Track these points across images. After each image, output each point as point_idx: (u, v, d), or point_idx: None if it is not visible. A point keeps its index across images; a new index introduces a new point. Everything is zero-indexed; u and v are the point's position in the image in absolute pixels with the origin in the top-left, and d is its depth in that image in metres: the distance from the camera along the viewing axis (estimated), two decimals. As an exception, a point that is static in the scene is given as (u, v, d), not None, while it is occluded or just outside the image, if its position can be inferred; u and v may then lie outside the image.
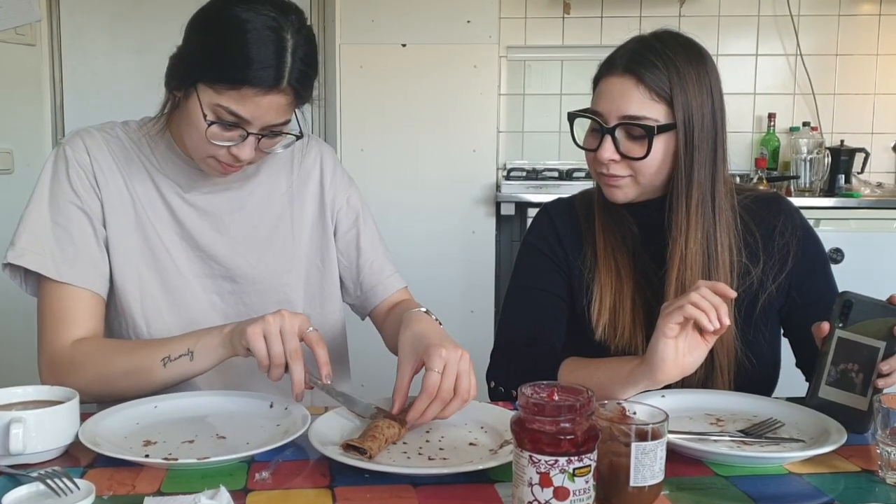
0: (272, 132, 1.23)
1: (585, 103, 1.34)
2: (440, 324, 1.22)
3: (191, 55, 1.22)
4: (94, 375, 1.21)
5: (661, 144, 1.25)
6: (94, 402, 1.22)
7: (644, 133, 1.25)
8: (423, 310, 1.24)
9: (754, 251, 1.33)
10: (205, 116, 1.19)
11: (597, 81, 1.32)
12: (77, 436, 1.01)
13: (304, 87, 1.23)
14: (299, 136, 1.28)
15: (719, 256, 1.29)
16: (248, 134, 1.21)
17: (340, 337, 1.50)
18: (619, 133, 1.26)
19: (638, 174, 1.28)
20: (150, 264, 1.33)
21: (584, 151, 1.33)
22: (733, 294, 1.10)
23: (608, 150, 1.26)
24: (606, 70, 1.29)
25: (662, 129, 1.25)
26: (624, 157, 1.26)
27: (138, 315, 1.33)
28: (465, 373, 1.08)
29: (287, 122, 1.24)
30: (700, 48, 1.30)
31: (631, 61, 1.26)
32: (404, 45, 3.27)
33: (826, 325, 1.14)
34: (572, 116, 1.32)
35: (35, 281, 1.30)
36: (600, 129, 1.27)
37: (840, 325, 1.11)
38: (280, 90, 1.18)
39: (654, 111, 1.25)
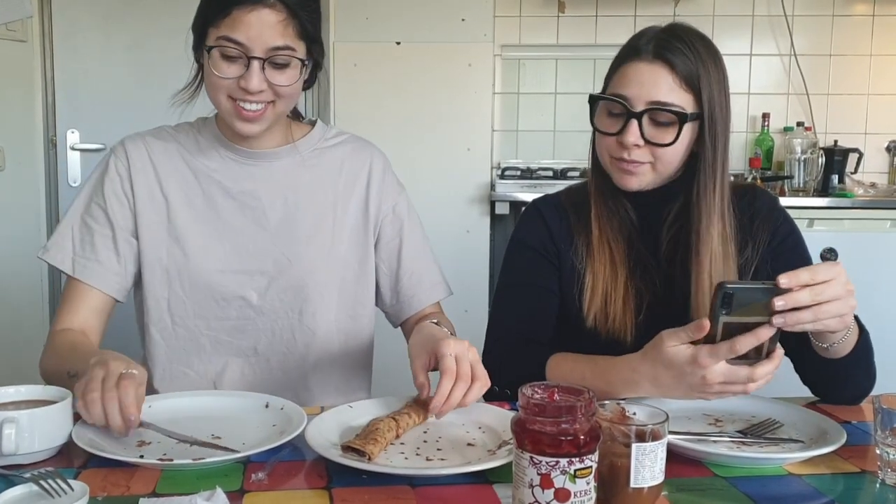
0: (275, 63, 1.26)
1: (581, 102, 1.34)
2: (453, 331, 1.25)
3: (197, 14, 1.31)
4: (46, 365, 1.31)
5: (686, 133, 1.27)
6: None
7: (672, 120, 1.26)
8: (435, 321, 1.28)
9: (741, 241, 1.35)
10: (206, 47, 1.26)
11: (616, 67, 1.30)
12: (71, 436, 1.00)
13: (297, 6, 1.26)
14: (304, 62, 1.30)
15: (728, 248, 1.31)
16: (250, 59, 1.24)
17: (367, 344, 1.50)
18: (645, 118, 1.26)
19: (658, 161, 1.28)
20: (183, 267, 1.37)
21: (598, 137, 1.31)
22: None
23: (633, 135, 1.26)
24: (632, 55, 1.28)
25: (692, 117, 1.26)
26: (648, 142, 1.26)
27: (165, 314, 1.39)
28: (476, 361, 1.11)
29: (290, 49, 1.27)
30: (712, 42, 1.32)
31: (660, 48, 1.26)
32: (399, 44, 3.26)
33: (705, 322, 1.04)
34: (595, 99, 1.30)
35: None
36: (625, 114, 1.26)
37: (724, 312, 1.01)
38: (266, 4, 1.23)
39: (681, 99, 1.26)
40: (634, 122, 1.25)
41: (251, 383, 1.41)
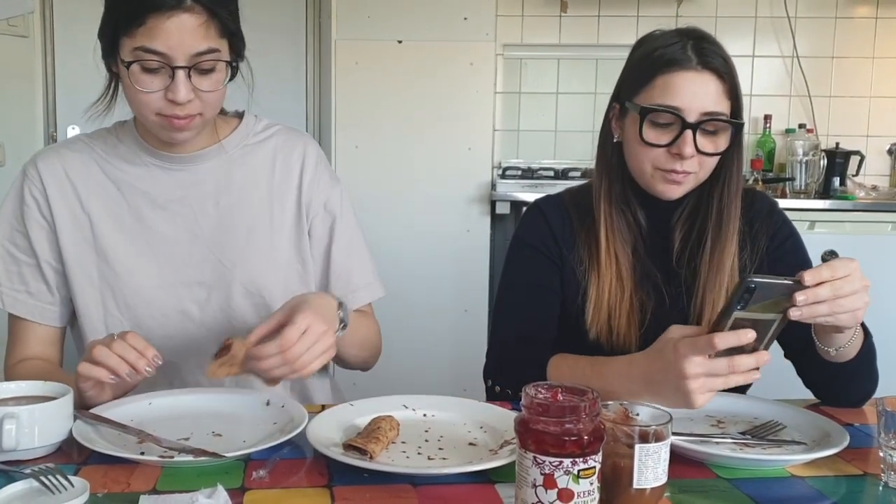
0: (200, 69, 1.19)
1: (582, 102, 1.34)
2: (343, 324, 1.20)
3: (104, 20, 1.22)
4: None
5: (728, 140, 1.28)
6: None
7: (718, 128, 1.26)
8: (339, 301, 1.21)
9: (740, 243, 1.35)
10: (123, 62, 1.18)
11: (654, 75, 1.27)
12: (71, 432, 1.00)
13: (217, 5, 1.19)
14: (230, 63, 1.23)
15: (737, 253, 1.33)
16: (174, 69, 1.17)
17: None
18: (698, 129, 1.25)
19: (702, 170, 1.29)
20: (115, 284, 1.31)
21: (641, 148, 1.28)
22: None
23: (690, 146, 1.24)
24: (674, 64, 1.25)
25: (740, 124, 1.28)
26: (700, 152, 1.26)
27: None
28: (318, 346, 1.08)
29: (214, 52, 1.19)
30: None
31: (704, 56, 1.25)
32: (400, 42, 3.25)
33: (715, 340, 1.02)
34: (647, 111, 1.26)
35: None
36: (677, 125, 1.25)
37: (740, 307, 1.00)
38: (184, 9, 1.15)
39: (725, 107, 1.26)
40: (689, 133, 1.24)
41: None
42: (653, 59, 1.28)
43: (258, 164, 1.37)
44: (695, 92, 1.24)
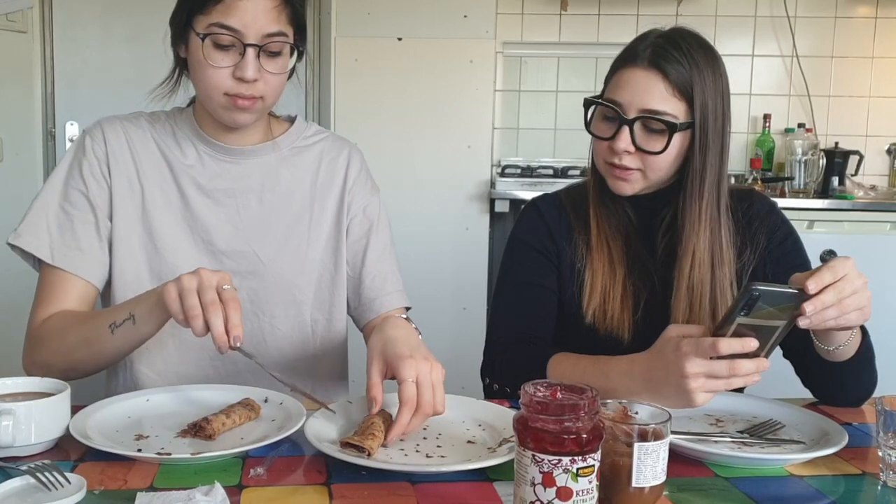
0: (268, 51, 1.24)
1: (582, 100, 1.34)
2: (419, 333, 1.19)
3: (179, 3, 1.27)
4: (55, 349, 1.23)
5: (676, 141, 1.26)
6: (61, 377, 1.13)
7: (663, 128, 1.25)
8: (404, 317, 1.22)
9: (739, 245, 1.35)
10: (198, 34, 1.22)
11: (614, 71, 1.31)
12: (68, 429, 0.99)
13: None
14: (294, 47, 1.27)
15: (724, 254, 1.31)
16: (245, 47, 1.21)
17: (342, 346, 1.46)
18: (637, 126, 1.26)
19: (648, 169, 1.28)
20: (153, 258, 1.33)
21: (594, 140, 1.32)
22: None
23: (624, 141, 1.26)
24: (628, 61, 1.28)
25: (682, 126, 1.26)
26: (639, 149, 1.26)
27: None
28: (437, 385, 1.05)
29: (283, 35, 1.24)
30: (714, 49, 1.31)
31: (656, 55, 1.25)
32: (400, 39, 3.25)
33: (720, 344, 1.01)
34: (589, 103, 1.31)
35: (39, 261, 1.32)
36: (617, 119, 1.26)
37: (743, 313, 0.99)
38: None
39: (674, 107, 1.26)
40: (626, 129, 1.25)
41: (218, 380, 1.34)
42: (620, 55, 1.31)
43: (304, 166, 1.41)
44: (636, 88, 1.26)
